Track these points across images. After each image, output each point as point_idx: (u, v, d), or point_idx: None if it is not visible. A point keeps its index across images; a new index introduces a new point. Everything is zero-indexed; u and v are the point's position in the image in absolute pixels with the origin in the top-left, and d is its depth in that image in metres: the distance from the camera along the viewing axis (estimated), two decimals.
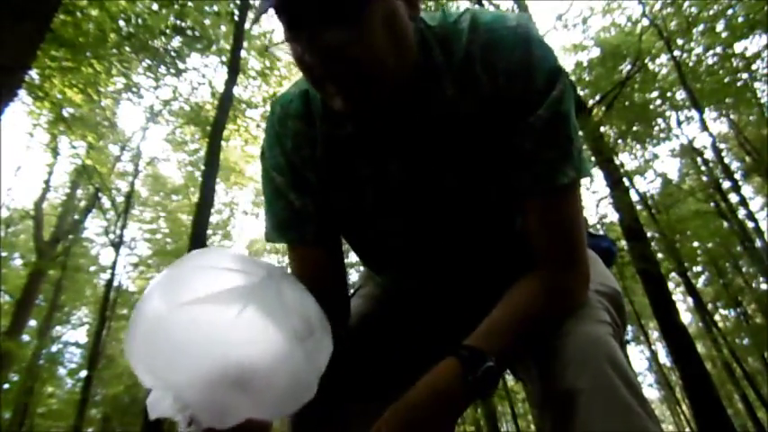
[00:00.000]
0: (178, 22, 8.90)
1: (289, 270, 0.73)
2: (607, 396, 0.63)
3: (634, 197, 11.07)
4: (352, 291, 1.09)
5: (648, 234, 8.65)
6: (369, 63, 0.63)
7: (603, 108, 9.00)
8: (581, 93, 9.33)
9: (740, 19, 9.26)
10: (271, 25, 10.83)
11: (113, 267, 11.75)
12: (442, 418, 0.65)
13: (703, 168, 13.62)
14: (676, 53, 10.34)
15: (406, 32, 0.68)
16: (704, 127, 11.21)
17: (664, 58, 11.01)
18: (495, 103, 0.71)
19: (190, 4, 8.87)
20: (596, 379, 0.64)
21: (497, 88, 0.71)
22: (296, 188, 0.81)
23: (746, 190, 15.02)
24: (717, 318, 15.84)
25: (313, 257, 0.84)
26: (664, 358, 18.25)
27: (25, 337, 11.80)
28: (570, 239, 0.75)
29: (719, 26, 9.95)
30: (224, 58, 9.25)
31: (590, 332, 0.71)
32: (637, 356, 19.69)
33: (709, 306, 15.45)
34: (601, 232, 1.18)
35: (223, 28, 9.55)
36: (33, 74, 7.17)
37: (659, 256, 9.17)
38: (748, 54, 9.99)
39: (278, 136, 0.82)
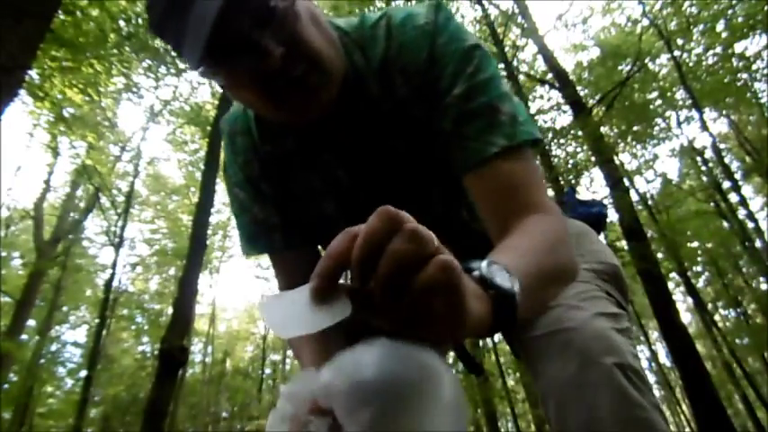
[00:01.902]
0: None
1: None
2: (610, 391, 0.63)
3: (634, 197, 11.08)
4: None
5: (648, 234, 8.65)
6: (319, 52, 0.65)
7: (603, 108, 9.00)
8: (581, 93, 9.33)
9: (740, 19, 9.27)
10: None
11: (113, 267, 11.76)
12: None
13: (703, 168, 13.62)
14: (676, 53, 10.34)
15: (333, 35, 0.71)
16: (704, 127, 11.21)
17: (664, 58, 11.02)
18: (417, 99, 0.74)
19: None
20: (598, 374, 0.65)
21: (414, 86, 0.74)
22: (257, 200, 0.85)
23: (746, 190, 15.03)
24: (717, 318, 15.83)
25: (287, 261, 0.88)
26: (664, 358, 18.26)
27: (25, 337, 11.81)
28: (522, 197, 0.68)
29: (719, 26, 9.95)
30: None
31: (589, 326, 0.70)
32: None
33: (710, 306, 15.45)
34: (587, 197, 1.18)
35: None
36: (33, 74, 7.16)
37: (659, 256, 9.17)
38: (748, 54, 10.00)
39: (232, 153, 0.86)
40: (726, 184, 12.42)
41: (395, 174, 0.79)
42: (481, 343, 12.85)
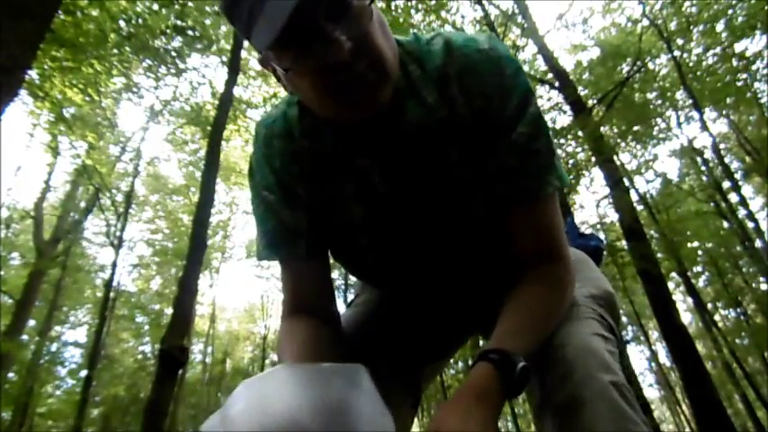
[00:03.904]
0: (178, 22, 8.90)
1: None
2: (606, 405, 0.65)
3: (634, 197, 11.08)
4: (351, 299, 1.11)
5: (648, 234, 8.64)
6: (383, 54, 0.67)
7: (603, 108, 9.00)
8: (581, 93, 9.32)
9: (740, 19, 9.27)
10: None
11: (113, 267, 11.76)
12: (488, 421, 0.66)
13: (703, 168, 13.61)
14: (676, 53, 10.34)
15: (394, 43, 0.73)
16: (704, 127, 11.21)
17: (664, 58, 11.02)
18: (472, 122, 0.76)
19: (190, 4, 8.87)
20: (595, 389, 0.67)
21: (474, 109, 0.76)
22: (287, 204, 0.84)
23: (746, 190, 15.03)
24: (717, 318, 15.83)
25: (305, 271, 0.87)
26: (664, 358, 18.28)
27: (25, 337, 11.80)
28: (554, 238, 0.81)
29: (719, 26, 9.95)
30: (224, 58, 9.26)
31: (586, 344, 0.74)
32: (637, 356, 19.70)
33: (709, 306, 15.45)
34: (588, 231, 1.24)
35: (223, 28, 9.55)
36: (33, 74, 7.16)
37: (659, 256, 9.17)
38: (748, 54, 10.00)
39: (266, 156, 0.84)
40: (726, 184, 12.42)
41: (432, 184, 0.80)
42: (481, 343, 12.84)
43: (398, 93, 0.74)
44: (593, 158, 8.42)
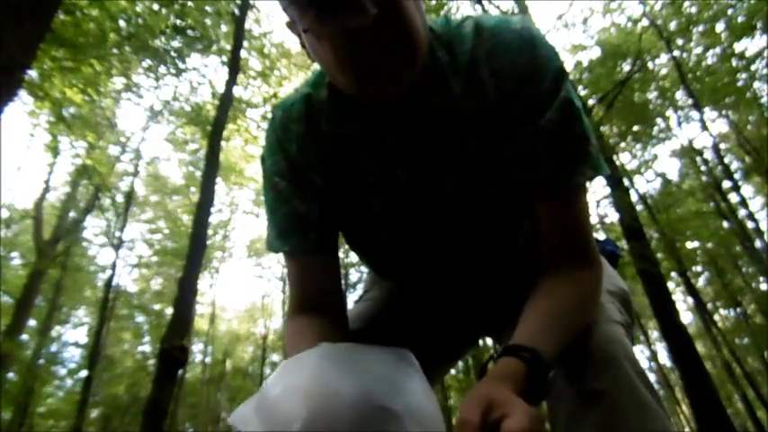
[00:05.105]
0: (178, 22, 8.89)
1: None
2: (630, 396, 0.64)
3: (634, 197, 11.07)
4: (360, 295, 1.09)
5: (648, 234, 8.65)
6: (413, 26, 0.62)
7: (603, 108, 9.00)
8: (581, 93, 9.32)
9: (740, 19, 9.27)
10: (271, 26, 10.85)
11: (113, 267, 11.77)
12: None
13: (703, 168, 13.60)
14: (676, 53, 10.34)
15: (426, 23, 0.68)
16: (704, 127, 11.22)
17: (664, 58, 11.01)
18: (502, 106, 0.72)
19: (190, 3, 8.87)
20: (618, 379, 0.65)
21: (504, 92, 0.71)
22: (300, 193, 0.80)
23: (746, 190, 15.00)
24: (717, 318, 15.83)
25: (314, 265, 0.83)
26: (664, 358, 18.27)
27: (25, 337, 11.81)
28: (584, 235, 0.75)
29: (719, 26, 9.95)
30: (224, 58, 9.25)
31: (608, 332, 0.72)
32: (637, 356, 19.66)
33: (709, 306, 15.45)
34: (603, 236, 1.21)
35: (223, 28, 9.55)
36: (33, 74, 7.15)
37: (659, 256, 9.17)
38: (748, 54, 10.00)
39: (280, 141, 0.81)
40: (726, 184, 12.43)
41: (452, 178, 0.77)
42: (481, 342, 12.82)
43: (425, 79, 0.70)
44: None
